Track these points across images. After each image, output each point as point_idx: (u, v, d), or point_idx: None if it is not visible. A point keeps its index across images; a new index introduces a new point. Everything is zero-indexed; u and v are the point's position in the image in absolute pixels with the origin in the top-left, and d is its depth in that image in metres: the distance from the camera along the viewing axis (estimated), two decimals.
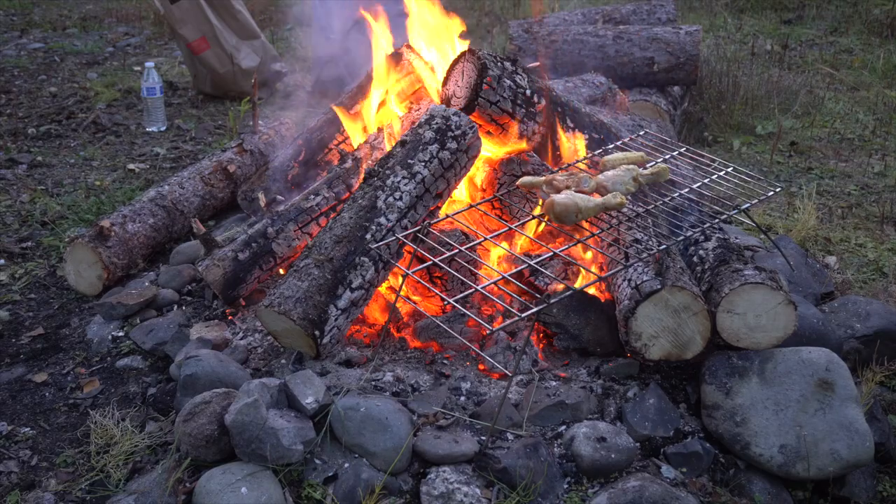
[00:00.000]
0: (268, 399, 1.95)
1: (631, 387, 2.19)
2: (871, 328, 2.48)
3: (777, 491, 2.03)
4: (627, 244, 2.25)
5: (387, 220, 2.29)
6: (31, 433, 2.21)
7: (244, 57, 4.99)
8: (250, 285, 2.58)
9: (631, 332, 2.13)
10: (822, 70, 5.68)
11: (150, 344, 2.46)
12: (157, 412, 2.21)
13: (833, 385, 2.06)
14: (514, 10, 7.24)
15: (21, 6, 7.67)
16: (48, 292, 2.90)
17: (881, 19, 6.78)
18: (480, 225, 2.64)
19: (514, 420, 2.07)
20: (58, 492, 1.98)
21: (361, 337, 2.43)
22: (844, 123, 4.80)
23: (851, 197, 3.84)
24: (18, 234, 3.30)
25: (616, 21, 4.88)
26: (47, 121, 4.67)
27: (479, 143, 2.49)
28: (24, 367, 2.48)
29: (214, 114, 4.92)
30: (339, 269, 2.21)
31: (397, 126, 2.81)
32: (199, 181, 3.23)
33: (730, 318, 2.11)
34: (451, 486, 1.87)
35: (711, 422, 2.10)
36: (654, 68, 4.31)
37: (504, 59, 2.55)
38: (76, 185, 3.79)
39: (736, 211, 2.28)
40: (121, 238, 2.82)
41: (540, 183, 2.26)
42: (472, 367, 2.29)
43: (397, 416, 1.97)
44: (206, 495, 1.82)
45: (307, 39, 5.99)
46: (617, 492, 1.87)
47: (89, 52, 6.22)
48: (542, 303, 1.88)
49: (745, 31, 6.76)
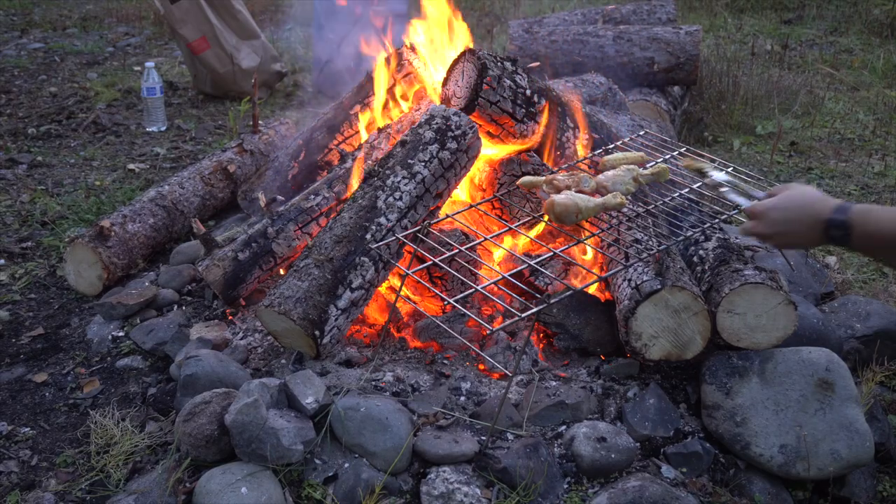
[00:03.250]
0: (268, 399, 1.95)
1: (631, 387, 2.19)
2: (871, 328, 2.48)
3: (777, 491, 2.03)
4: (627, 244, 2.25)
5: (387, 220, 2.29)
6: (31, 433, 2.21)
7: (244, 57, 4.99)
8: (250, 285, 2.58)
9: (631, 332, 2.13)
10: (822, 70, 5.68)
11: (150, 344, 2.46)
12: (157, 412, 2.21)
13: (833, 385, 2.06)
14: (514, 10, 7.25)
15: (21, 6, 7.67)
16: (48, 292, 2.90)
17: (881, 19, 6.78)
18: (480, 225, 2.64)
19: (514, 420, 2.07)
20: (58, 492, 1.98)
21: (361, 337, 2.43)
22: (844, 123, 4.80)
23: (851, 197, 3.84)
24: (18, 234, 3.30)
25: (616, 21, 4.88)
26: (47, 121, 4.67)
27: (479, 143, 2.49)
28: (24, 367, 2.48)
29: (214, 114, 4.92)
30: (339, 269, 2.21)
31: (397, 126, 2.81)
32: (199, 181, 3.23)
33: (730, 318, 2.11)
34: (451, 486, 1.87)
35: (711, 422, 2.10)
36: (654, 68, 4.31)
37: (504, 59, 2.55)
38: (76, 185, 3.79)
39: (736, 211, 2.28)
40: (121, 238, 2.82)
41: (540, 183, 2.26)
42: (472, 367, 2.29)
43: (397, 416, 1.97)
44: (206, 495, 1.82)
45: (307, 39, 6.00)
46: (617, 492, 1.87)
47: (89, 52, 6.22)
48: (542, 303, 1.88)
49: (745, 31, 6.77)
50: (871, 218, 1.38)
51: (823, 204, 1.48)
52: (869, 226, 1.38)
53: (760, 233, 1.61)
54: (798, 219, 1.53)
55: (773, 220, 1.57)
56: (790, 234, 1.55)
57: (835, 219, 1.42)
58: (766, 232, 1.60)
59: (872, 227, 1.37)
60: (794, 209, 1.54)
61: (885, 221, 1.36)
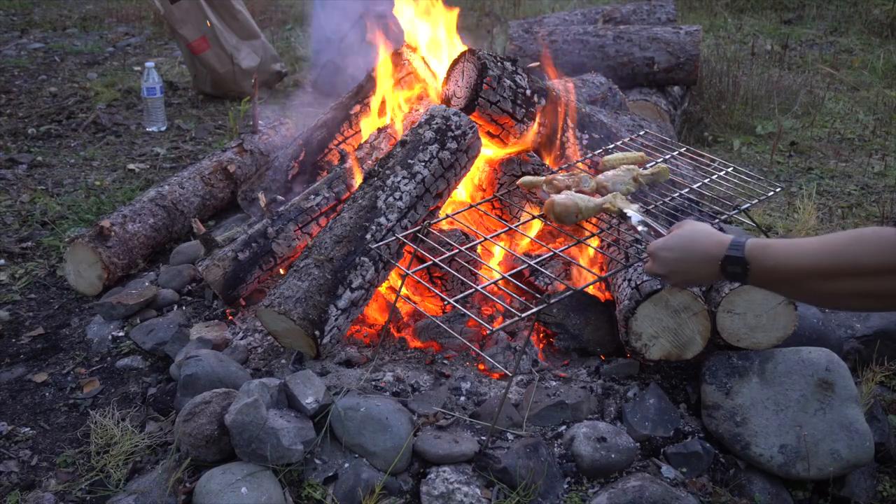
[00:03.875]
0: (268, 399, 1.95)
1: (631, 387, 2.19)
2: (871, 328, 2.48)
3: (777, 491, 2.03)
4: (627, 244, 2.25)
5: (387, 220, 2.29)
6: (31, 433, 2.21)
7: (244, 57, 4.99)
8: (250, 285, 2.58)
9: (631, 332, 2.13)
10: (822, 70, 5.68)
11: (150, 344, 2.46)
12: (157, 412, 2.21)
13: (833, 385, 2.06)
14: (514, 10, 7.25)
15: (21, 6, 7.67)
16: (48, 292, 2.90)
17: (881, 19, 6.78)
18: (480, 225, 2.64)
19: (514, 420, 2.07)
20: (58, 492, 1.98)
21: (361, 337, 2.43)
22: (844, 123, 4.80)
23: (851, 197, 3.84)
24: (18, 234, 3.30)
25: (616, 21, 4.88)
26: (47, 121, 4.67)
27: (479, 143, 2.49)
28: (24, 367, 2.48)
29: (214, 114, 4.92)
30: (339, 269, 2.21)
31: (397, 126, 2.81)
32: (199, 181, 3.23)
33: (730, 318, 2.11)
34: (451, 486, 1.87)
35: (711, 422, 2.10)
36: (654, 68, 4.31)
37: (504, 58, 2.55)
38: (76, 185, 3.79)
39: (736, 211, 2.28)
40: (121, 238, 2.82)
41: (540, 183, 2.26)
42: (472, 367, 2.29)
43: (397, 416, 1.97)
44: (206, 495, 1.82)
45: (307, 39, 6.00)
46: (617, 492, 1.87)
47: (89, 52, 6.22)
48: (542, 303, 1.88)
49: (745, 31, 6.77)
50: (769, 253, 1.37)
51: (716, 240, 1.48)
52: (767, 261, 1.37)
53: (657, 273, 1.63)
54: (689, 258, 1.54)
55: (664, 260, 1.59)
56: (685, 272, 1.56)
57: (731, 256, 1.42)
58: (661, 272, 1.61)
59: (770, 263, 1.37)
60: (683, 248, 1.55)
61: (782, 256, 1.35)
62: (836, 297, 1.30)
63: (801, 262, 1.32)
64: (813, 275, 1.30)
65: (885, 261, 1.21)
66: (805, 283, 1.32)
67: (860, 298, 1.27)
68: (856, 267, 1.24)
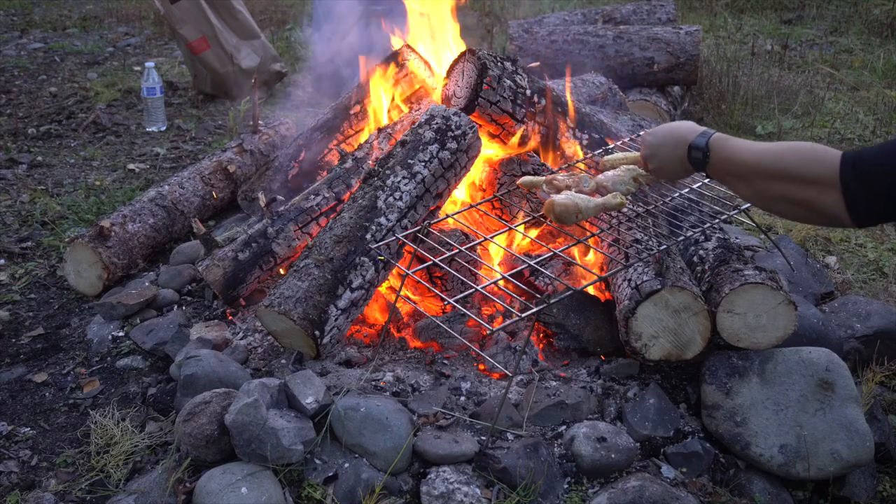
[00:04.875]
0: (268, 399, 1.95)
1: (631, 387, 2.19)
2: (871, 328, 2.48)
3: (777, 491, 2.03)
4: (627, 244, 2.25)
5: (387, 220, 2.29)
6: (31, 433, 2.21)
7: (244, 57, 4.99)
8: (250, 285, 2.58)
9: (631, 332, 2.13)
10: (822, 70, 5.68)
11: (150, 344, 2.46)
12: (157, 412, 2.21)
13: (833, 385, 2.06)
14: (514, 10, 7.24)
15: (21, 6, 7.66)
16: (48, 292, 2.90)
17: (881, 19, 6.78)
18: (480, 225, 2.64)
19: (514, 420, 2.07)
20: (58, 492, 1.98)
21: (361, 337, 2.43)
22: (844, 123, 4.80)
23: None
24: (18, 234, 3.30)
25: (616, 21, 4.88)
26: (47, 121, 4.67)
27: (479, 143, 2.49)
28: (24, 367, 2.48)
29: (214, 114, 4.92)
30: (339, 269, 2.21)
31: (397, 126, 2.81)
32: (199, 181, 3.23)
33: (730, 318, 2.11)
34: (452, 486, 1.87)
35: (711, 422, 2.10)
36: (654, 68, 4.31)
37: (504, 58, 2.55)
38: (76, 185, 3.79)
39: (736, 211, 2.28)
40: (121, 238, 2.82)
41: (540, 183, 2.26)
42: (472, 367, 2.29)
43: (397, 416, 1.97)
44: (206, 495, 1.82)
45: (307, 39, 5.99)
46: (617, 492, 1.87)
47: (89, 52, 6.22)
48: (542, 303, 1.88)
49: (745, 31, 6.76)
50: (727, 146, 1.50)
51: (691, 129, 1.63)
52: (725, 152, 1.49)
53: (644, 156, 1.83)
54: (666, 143, 1.71)
55: (649, 143, 1.79)
56: (662, 157, 1.74)
57: (696, 142, 1.56)
58: (645, 154, 1.82)
59: (727, 154, 1.48)
60: (664, 134, 1.74)
61: (737, 151, 1.47)
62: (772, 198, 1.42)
63: (748, 159, 1.44)
64: (757, 172, 1.42)
65: (810, 171, 1.33)
66: (751, 181, 1.44)
67: (789, 204, 1.38)
68: (787, 172, 1.36)
